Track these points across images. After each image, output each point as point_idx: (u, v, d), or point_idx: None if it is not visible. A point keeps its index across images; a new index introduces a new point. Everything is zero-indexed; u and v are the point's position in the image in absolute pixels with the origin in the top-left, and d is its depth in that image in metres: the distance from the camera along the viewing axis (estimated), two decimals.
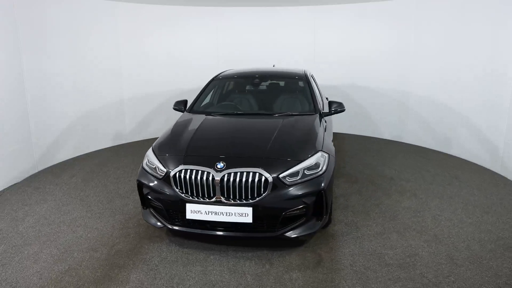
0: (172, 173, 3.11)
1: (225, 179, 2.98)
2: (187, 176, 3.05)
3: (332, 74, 7.09)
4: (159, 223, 3.25)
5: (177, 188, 3.09)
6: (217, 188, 2.98)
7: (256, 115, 4.18)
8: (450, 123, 5.95)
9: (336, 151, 6.12)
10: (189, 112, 4.32)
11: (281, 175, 3.00)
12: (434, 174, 5.01)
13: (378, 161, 5.64)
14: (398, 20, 6.45)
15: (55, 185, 4.78)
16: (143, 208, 3.40)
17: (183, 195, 3.06)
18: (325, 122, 4.12)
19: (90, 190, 4.62)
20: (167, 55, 7.02)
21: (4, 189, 4.65)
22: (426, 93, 6.30)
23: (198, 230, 3.11)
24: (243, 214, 2.95)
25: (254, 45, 7.33)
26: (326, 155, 3.33)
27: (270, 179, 2.97)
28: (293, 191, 3.00)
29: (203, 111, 4.33)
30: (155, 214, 3.29)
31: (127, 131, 6.93)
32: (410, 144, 6.61)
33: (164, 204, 3.14)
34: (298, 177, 3.06)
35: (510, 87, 4.82)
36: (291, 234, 3.07)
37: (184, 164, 3.12)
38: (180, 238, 3.44)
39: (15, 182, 4.86)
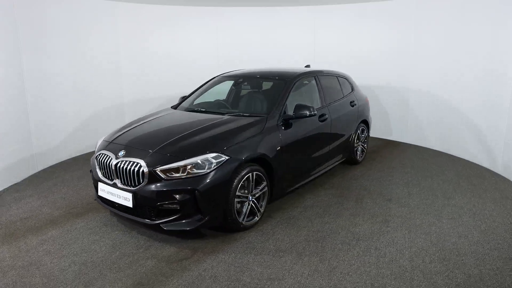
0: (95, 155, 3.70)
1: (118, 165, 3.39)
2: (100, 159, 3.59)
3: None
4: (95, 196, 3.90)
5: (98, 168, 3.66)
6: (114, 173, 3.43)
7: (212, 113, 4.30)
8: (450, 123, 6.00)
9: (372, 162, 5.76)
10: (172, 107, 4.79)
11: (157, 169, 3.21)
12: (450, 204, 4.28)
13: (404, 179, 5.11)
14: (398, 20, 6.49)
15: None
16: None
17: (99, 175, 3.62)
18: (275, 126, 3.94)
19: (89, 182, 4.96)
20: (167, 55, 7.07)
21: (4, 189, 4.71)
22: (426, 93, 6.33)
23: (106, 205, 3.62)
24: (126, 199, 3.32)
25: (254, 45, 7.36)
26: (224, 158, 3.32)
27: (146, 170, 3.23)
28: (167, 186, 3.18)
29: (180, 107, 4.72)
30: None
31: None
32: (456, 156, 6.42)
33: (93, 181, 3.77)
34: (180, 174, 3.20)
35: (510, 87, 4.79)
36: (166, 226, 3.27)
37: (104, 149, 3.65)
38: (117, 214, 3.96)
39: (15, 182, 4.92)
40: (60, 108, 5.70)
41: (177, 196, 3.18)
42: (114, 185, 3.44)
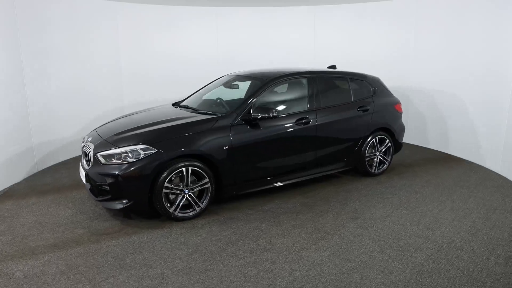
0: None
1: (83, 148, 4.09)
2: (82, 143, 4.37)
3: None
4: None
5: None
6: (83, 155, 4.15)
7: (192, 111, 4.57)
8: (450, 123, 6.07)
9: (392, 176, 5.28)
10: (173, 104, 5.23)
11: (98, 154, 3.77)
12: (423, 236, 3.61)
13: (406, 199, 4.47)
14: (398, 20, 6.54)
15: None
16: None
17: (82, 157, 4.41)
18: (222, 126, 4.02)
19: None
20: (167, 55, 7.03)
21: (4, 188, 4.77)
22: (426, 93, 6.39)
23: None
24: (83, 177, 4.00)
25: (254, 45, 7.31)
26: (152, 150, 3.67)
27: (91, 154, 3.83)
28: (102, 169, 3.71)
29: (177, 103, 5.15)
30: None
31: None
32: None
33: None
34: (116, 160, 3.69)
35: (510, 88, 4.84)
36: (103, 204, 3.82)
37: (87, 135, 4.42)
38: None
39: (15, 182, 4.98)
40: (60, 108, 5.74)
41: (107, 179, 3.67)
42: (82, 165, 4.15)
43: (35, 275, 2.99)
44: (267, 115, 4.11)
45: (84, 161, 4.11)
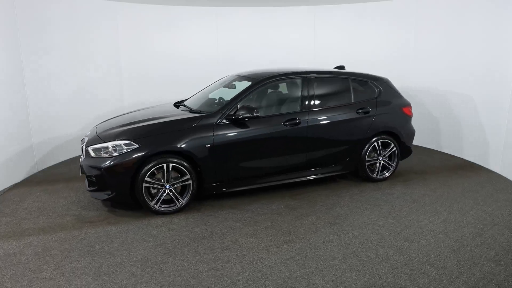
0: None
1: (81, 143, 4.42)
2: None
3: None
4: None
5: None
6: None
7: (187, 110, 4.70)
8: (450, 123, 6.03)
9: (396, 183, 5.04)
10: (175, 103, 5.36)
11: (88, 147, 4.05)
12: (397, 246, 3.43)
13: (398, 207, 4.29)
14: (398, 20, 6.54)
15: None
16: None
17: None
18: (202, 127, 4.11)
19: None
20: (167, 55, 7.02)
21: (4, 188, 4.79)
22: (426, 93, 6.37)
23: None
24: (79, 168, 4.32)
25: (254, 45, 7.31)
26: (135, 146, 3.87)
27: (84, 148, 4.12)
28: (90, 162, 3.99)
29: (178, 103, 5.28)
30: None
31: None
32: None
33: None
34: (103, 154, 3.95)
35: (510, 88, 4.81)
36: (91, 194, 4.10)
37: (90, 130, 4.75)
38: None
39: (16, 182, 5.00)
40: (60, 108, 5.78)
41: (94, 171, 3.93)
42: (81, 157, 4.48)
43: (13, 254, 3.31)
44: (251, 115, 4.11)
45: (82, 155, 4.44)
